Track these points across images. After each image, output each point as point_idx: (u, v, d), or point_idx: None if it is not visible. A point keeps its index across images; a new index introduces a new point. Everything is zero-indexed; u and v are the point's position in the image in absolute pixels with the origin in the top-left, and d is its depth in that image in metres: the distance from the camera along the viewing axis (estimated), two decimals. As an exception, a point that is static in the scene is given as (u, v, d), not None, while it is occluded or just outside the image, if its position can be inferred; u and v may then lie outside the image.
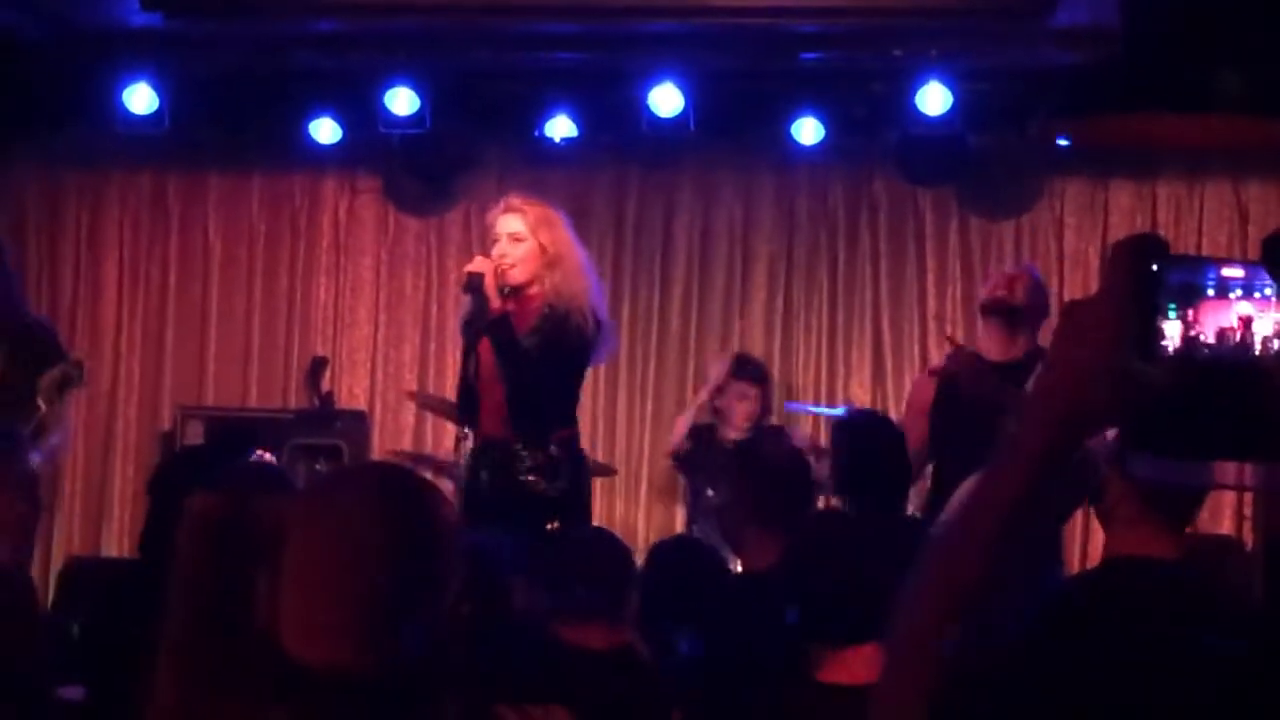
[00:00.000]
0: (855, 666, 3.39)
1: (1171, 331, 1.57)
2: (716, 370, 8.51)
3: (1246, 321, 1.57)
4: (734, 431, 8.36)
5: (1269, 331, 1.58)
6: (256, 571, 2.35)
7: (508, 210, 6.23)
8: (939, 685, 1.58)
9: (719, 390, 8.38)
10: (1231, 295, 1.57)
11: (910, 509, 6.28)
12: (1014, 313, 6.61)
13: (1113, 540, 2.69)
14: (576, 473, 6.21)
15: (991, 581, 1.61)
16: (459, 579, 2.37)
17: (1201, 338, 1.58)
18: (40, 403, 6.96)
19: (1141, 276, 1.57)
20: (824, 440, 8.26)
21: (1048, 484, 1.62)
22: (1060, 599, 2.11)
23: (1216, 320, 1.57)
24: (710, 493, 7.90)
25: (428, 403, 8.57)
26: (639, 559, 8.77)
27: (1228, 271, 1.60)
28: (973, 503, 1.65)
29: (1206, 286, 1.57)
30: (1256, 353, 1.57)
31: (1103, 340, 1.56)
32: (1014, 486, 1.60)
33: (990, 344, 6.68)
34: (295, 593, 2.28)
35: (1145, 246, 1.59)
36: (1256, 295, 1.59)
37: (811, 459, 5.99)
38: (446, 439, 8.14)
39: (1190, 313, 1.57)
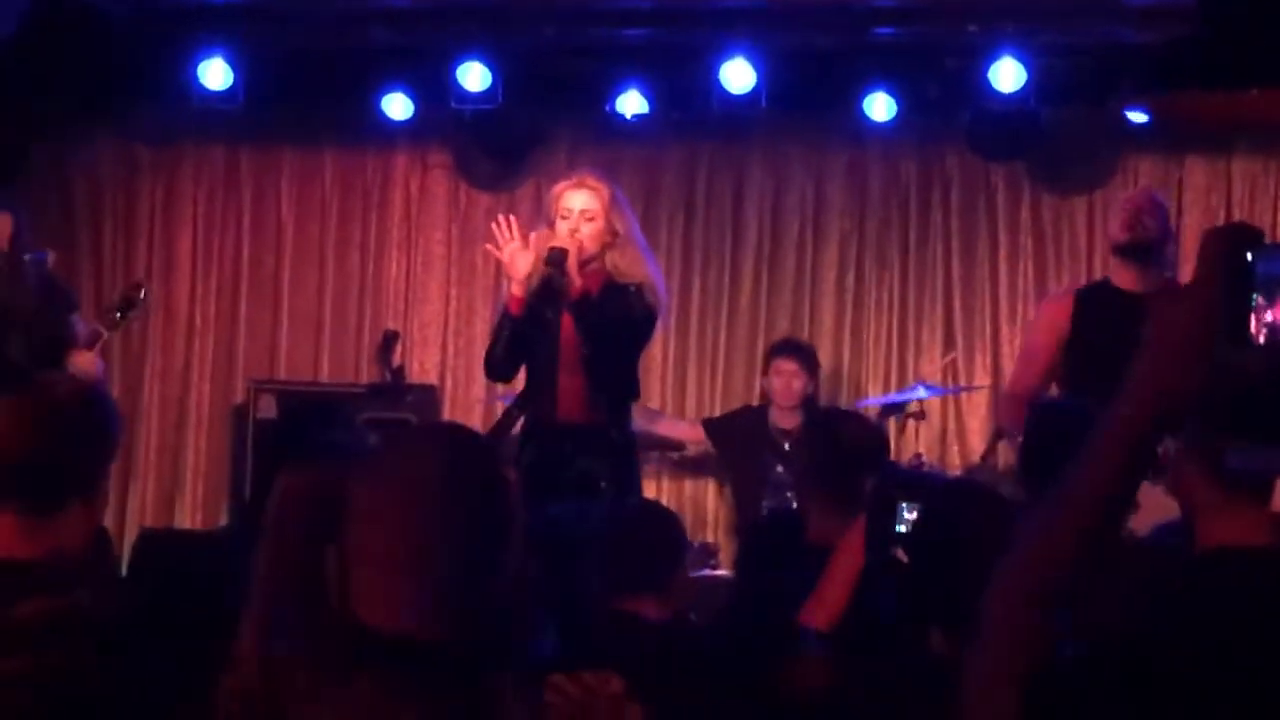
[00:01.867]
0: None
1: (1258, 320, 1.56)
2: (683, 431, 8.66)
3: (1331, 311, 1.56)
4: (781, 411, 8.35)
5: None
6: (328, 543, 2.36)
7: (581, 186, 6.22)
8: (1034, 672, 1.58)
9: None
10: (1317, 284, 1.57)
11: None
12: (1148, 248, 6.80)
13: (1203, 532, 2.65)
14: (632, 463, 6.26)
15: (1085, 563, 1.62)
16: (522, 545, 2.36)
17: (1283, 327, 1.57)
18: (101, 328, 7.06)
19: (1235, 265, 1.56)
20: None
21: (1141, 466, 1.63)
22: (1163, 592, 2.08)
23: (1302, 309, 1.57)
24: (780, 469, 7.91)
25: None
26: (709, 534, 8.94)
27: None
28: (1068, 482, 1.65)
29: (1291, 275, 1.56)
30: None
31: (1197, 327, 1.56)
32: (1108, 467, 1.61)
33: (1125, 278, 6.85)
34: (363, 560, 2.28)
35: (1240, 236, 1.59)
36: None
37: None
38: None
39: (1271, 301, 1.56)
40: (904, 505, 3.64)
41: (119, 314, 7.15)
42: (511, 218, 6.29)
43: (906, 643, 3.37)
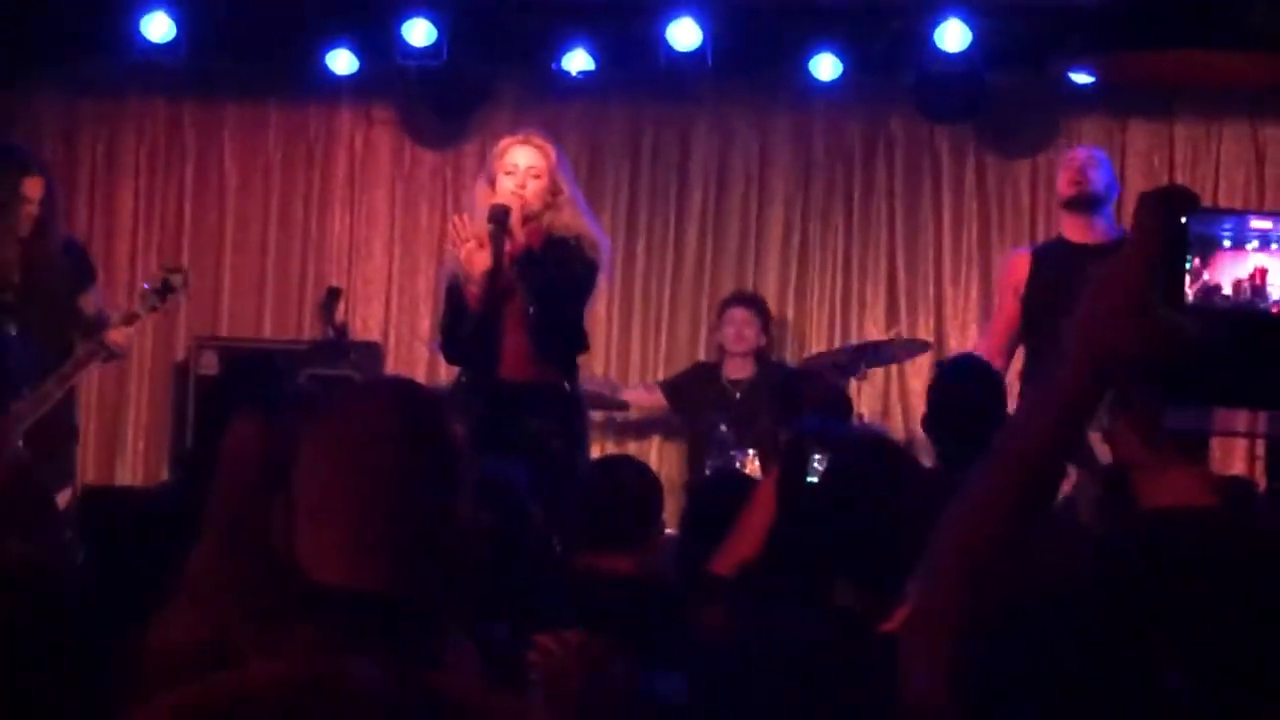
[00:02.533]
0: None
1: (1194, 282, 1.58)
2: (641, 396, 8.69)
3: (1262, 273, 1.59)
4: (735, 361, 8.43)
5: (1286, 282, 1.59)
6: (276, 494, 2.36)
7: (528, 143, 6.21)
8: (967, 632, 1.60)
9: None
10: (1248, 246, 1.59)
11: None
12: (1094, 200, 7.18)
13: (1147, 493, 2.67)
14: (582, 419, 6.27)
15: (1025, 520, 1.64)
16: (470, 497, 2.36)
17: (1219, 288, 1.59)
18: (139, 309, 7.05)
19: (1169, 228, 1.58)
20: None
21: (1078, 426, 1.65)
22: (1108, 551, 2.10)
23: (1233, 271, 1.59)
24: (724, 427, 7.94)
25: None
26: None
27: (1255, 223, 1.62)
28: (1006, 443, 1.67)
29: (1223, 238, 1.59)
30: (1272, 304, 1.58)
31: (1132, 288, 1.58)
32: (1047, 424, 1.63)
33: (1076, 232, 7.20)
34: (308, 511, 2.29)
35: (1174, 199, 1.61)
36: (1274, 246, 1.60)
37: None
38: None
39: (1205, 262, 1.59)
40: (815, 457, 3.66)
41: (159, 296, 7.11)
42: (466, 217, 6.26)
43: (812, 593, 3.40)
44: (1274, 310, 1.59)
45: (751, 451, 7.36)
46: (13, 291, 6.86)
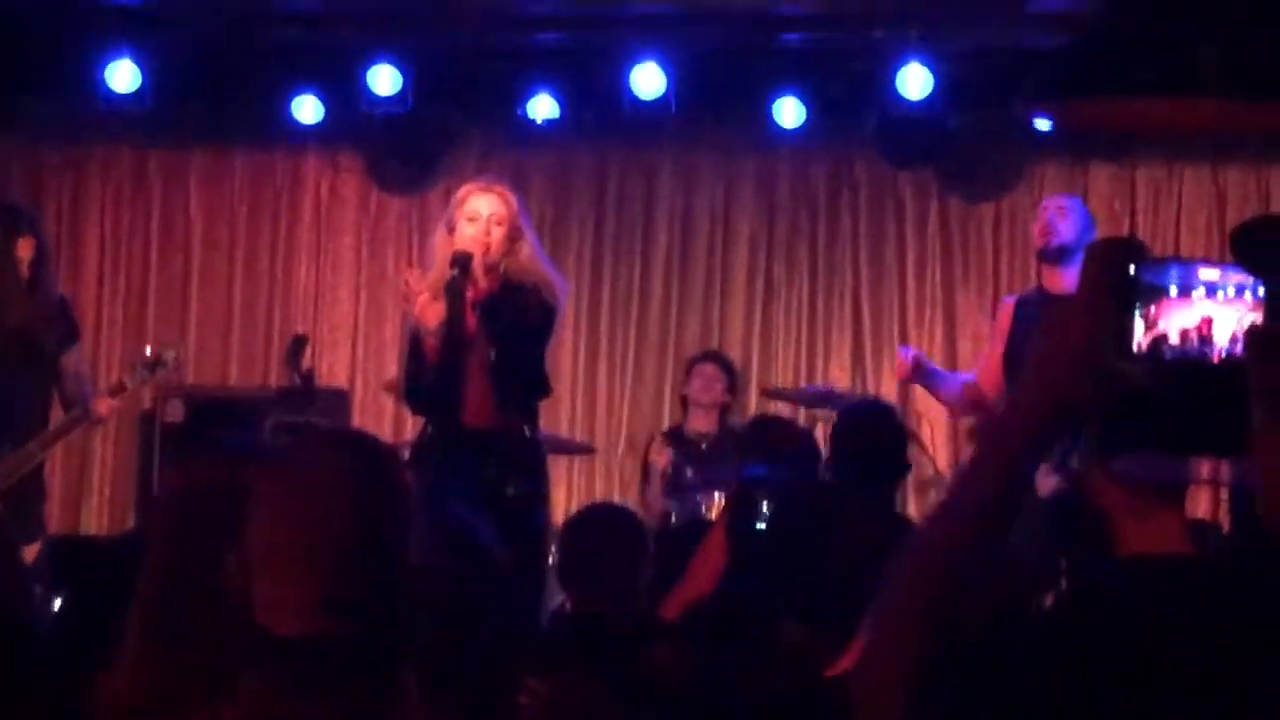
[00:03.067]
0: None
1: (1138, 330, 1.60)
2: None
3: (1208, 322, 1.61)
4: (700, 414, 8.44)
5: (1231, 330, 1.61)
6: (226, 542, 2.37)
7: (489, 191, 6.20)
8: (921, 674, 1.61)
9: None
10: (1194, 295, 1.61)
11: None
12: (1064, 251, 7.04)
13: (1122, 540, 2.69)
14: (542, 464, 6.28)
15: (974, 567, 1.65)
16: (416, 546, 2.37)
17: (1166, 337, 1.61)
18: (126, 380, 7.13)
19: (1118, 279, 1.61)
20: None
21: (1029, 471, 1.67)
22: (1080, 598, 2.12)
23: (1180, 320, 1.61)
24: (690, 472, 7.95)
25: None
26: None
27: (1203, 273, 1.64)
28: (958, 488, 1.69)
29: (1169, 285, 1.61)
30: (1217, 352, 1.61)
31: (1081, 338, 1.60)
32: (998, 472, 1.65)
33: (1052, 282, 7.12)
34: (260, 564, 2.29)
35: (1122, 251, 1.63)
36: (1220, 295, 1.62)
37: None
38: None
39: (1153, 310, 1.61)
40: (763, 504, 3.75)
41: (149, 370, 7.19)
42: (417, 271, 6.28)
43: (760, 631, 3.46)
44: (1217, 360, 1.61)
45: (717, 495, 7.38)
46: (9, 350, 6.92)
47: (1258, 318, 1.60)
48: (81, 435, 9.28)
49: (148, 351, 7.34)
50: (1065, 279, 7.12)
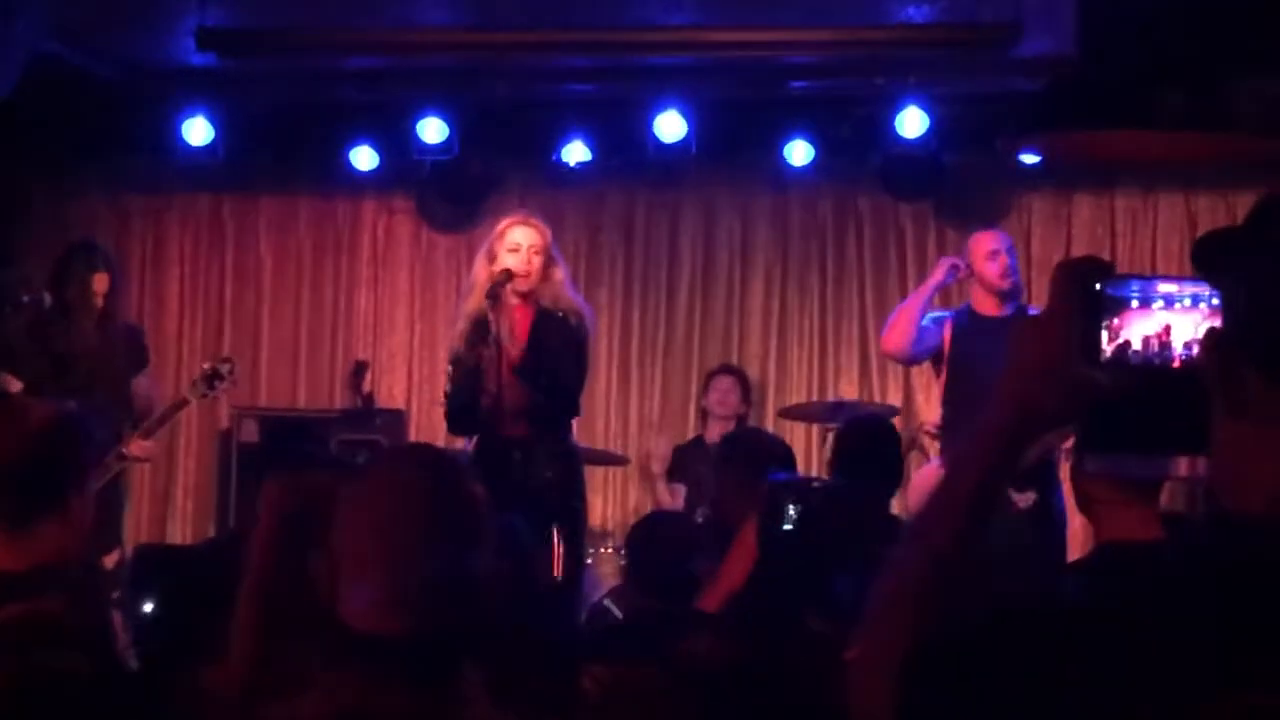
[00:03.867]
0: None
1: (1104, 340, 1.62)
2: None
3: (1168, 329, 1.63)
4: (718, 424, 8.47)
5: (1188, 336, 1.63)
6: (314, 550, 2.39)
7: (528, 224, 6.23)
8: (910, 663, 1.62)
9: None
10: (1154, 306, 1.63)
11: None
12: (1018, 290, 7.22)
13: (1099, 527, 2.72)
14: (574, 469, 6.28)
15: (958, 562, 1.66)
16: (492, 549, 2.39)
17: (1129, 344, 1.63)
18: (187, 396, 7.16)
19: (1085, 294, 1.63)
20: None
21: (1005, 474, 1.68)
22: (1054, 585, 2.14)
23: (1142, 328, 1.63)
24: (711, 477, 7.96)
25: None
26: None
27: (1161, 286, 1.66)
28: (941, 487, 1.70)
29: (1131, 299, 1.63)
30: (1176, 357, 1.63)
31: (1051, 349, 1.62)
32: (976, 474, 1.67)
33: (985, 306, 7.17)
34: (345, 563, 2.31)
35: (1089, 269, 1.65)
36: (1178, 305, 1.64)
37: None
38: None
39: (1116, 322, 1.63)
40: (790, 507, 3.79)
41: (207, 384, 7.20)
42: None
43: (788, 623, 3.50)
44: (1176, 364, 1.63)
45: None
46: (83, 374, 6.97)
47: (1214, 323, 1.62)
48: (165, 450, 9.39)
49: (206, 366, 7.36)
50: (995, 305, 7.13)
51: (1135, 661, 1.60)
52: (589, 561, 7.95)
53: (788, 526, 3.75)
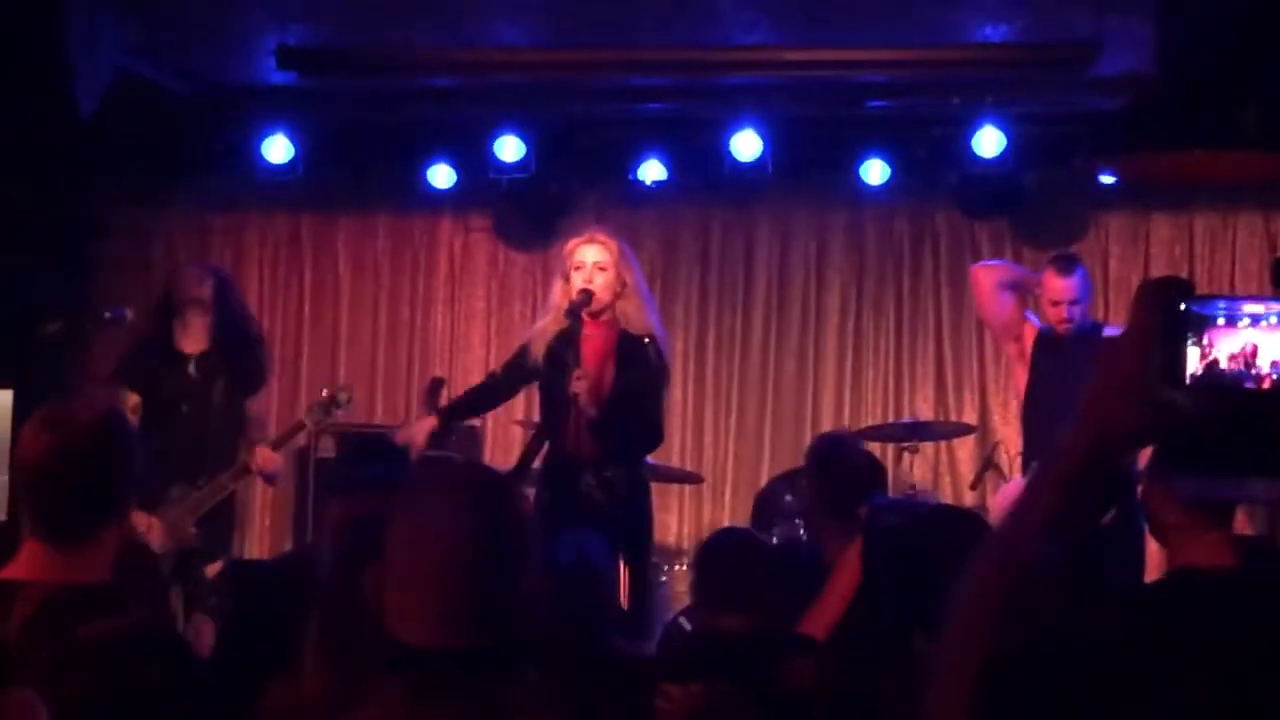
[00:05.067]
0: None
1: (1192, 358, 1.60)
2: None
3: (1255, 349, 1.61)
4: None
5: (1275, 356, 1.61)
6: (369, 565, 2.41)
7: (592, 241, 6.24)
8: (984, 684, 1.60)
9: None
10: (1240, 325, 1.61)
11: None
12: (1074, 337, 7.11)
13: (1172, 552, 2.68)
14: (643, 492, 6.26)
15: (1034, 581, 1.64)
16: (538, 563, 2.40)
17: (1218, 361, 1.61)
18: (306, 420, 7.19)
19: (1169, 314, 1.60)
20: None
21: (1086, 495, 1.66)
22: (1124, 611, 2.11)
23: (1228, 347, 1.61)
24: (789, 498, 7.93)
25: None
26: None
27: (1247, 307, 1.63)
28: (1020, 507, 1.69)
29: (1216, 317, 1.61)
30: (1262, 376, 1.60)
31: (1130, 369, 1.60)
32: (1055, 496, 1.65)
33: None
34: (393, 581, 2.33)
35: (1171, 288, 1.63)
36: (1264, 324, 1.62)
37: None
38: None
39: (1205, 339, 1.60)
40: (893, 528, 3.72)
41: (324, 411, 7.26)
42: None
43: (894, 645, 3.45)
44: (1265, 385, 1.61)
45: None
46: (188, 400, 6.96)
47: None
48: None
49: (324, 393, 7.39)
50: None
51: (1210, 691, 1.57)
52: (663, 579, 7.95)
53: (890, 548, 3.71)
